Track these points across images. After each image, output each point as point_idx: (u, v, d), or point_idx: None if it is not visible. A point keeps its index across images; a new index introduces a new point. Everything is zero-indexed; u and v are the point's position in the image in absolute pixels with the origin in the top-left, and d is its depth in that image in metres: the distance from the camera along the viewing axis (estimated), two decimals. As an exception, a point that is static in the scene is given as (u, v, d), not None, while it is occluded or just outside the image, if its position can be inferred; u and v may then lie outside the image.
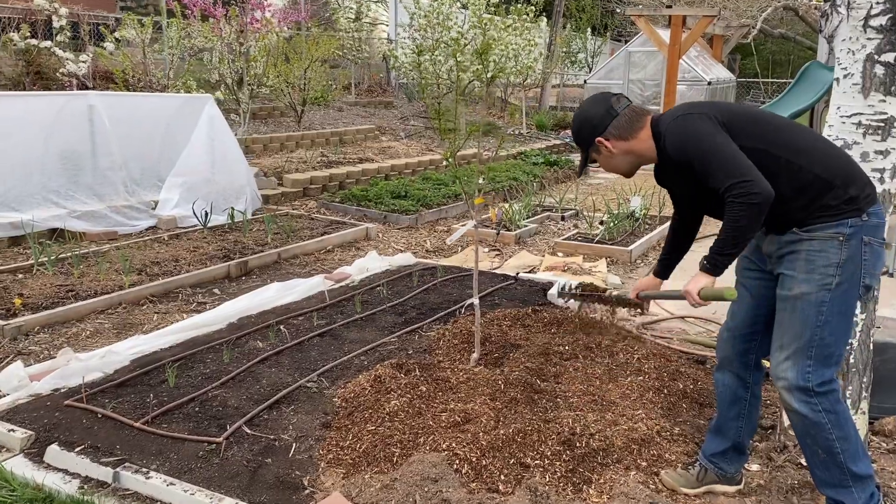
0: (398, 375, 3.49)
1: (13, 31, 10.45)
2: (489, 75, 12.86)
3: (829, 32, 2.90)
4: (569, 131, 16.85)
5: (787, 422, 3.07)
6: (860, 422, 2.92)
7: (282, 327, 4.35)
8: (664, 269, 2.99)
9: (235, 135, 10.17)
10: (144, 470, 2.90)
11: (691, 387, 3.53)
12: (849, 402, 2.91)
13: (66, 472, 2.98)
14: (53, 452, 3.06)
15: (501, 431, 2.92)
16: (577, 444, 2.84)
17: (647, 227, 7.62)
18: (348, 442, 3.04)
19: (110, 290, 5.02)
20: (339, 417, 3.26)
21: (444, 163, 10.60)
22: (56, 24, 10.28)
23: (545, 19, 20.82)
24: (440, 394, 3.32)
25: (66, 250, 5.62)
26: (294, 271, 5.94)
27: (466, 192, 3.75)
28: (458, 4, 13.39)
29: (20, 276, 5.29)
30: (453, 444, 2.86)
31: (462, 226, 7.13)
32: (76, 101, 6.90)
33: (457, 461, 2.79)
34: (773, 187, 2.25)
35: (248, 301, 4.92)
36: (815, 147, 2.41)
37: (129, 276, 5.29)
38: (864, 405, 2.98)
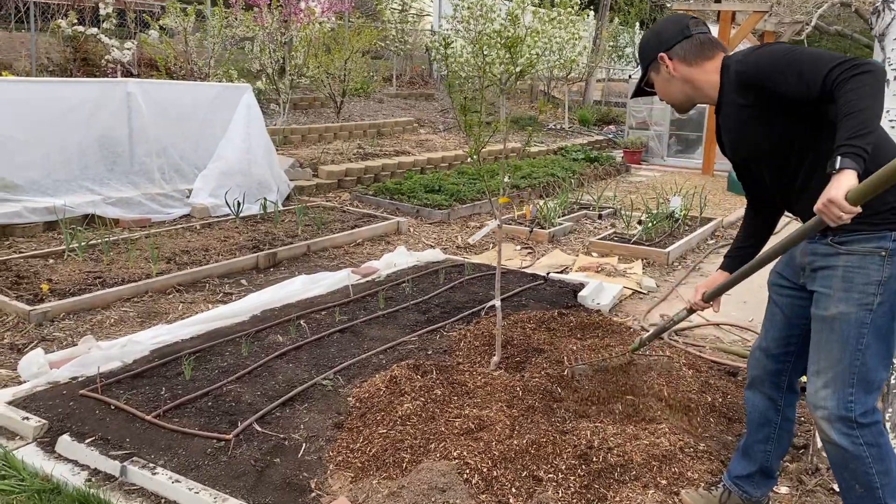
0: (414, 377, 3.40)
1: (61, 18, 10.62)
2: (518, 70, 12.69)
3: (880, 31, 2.70)
4: (612, 126, 16.58)
5: (820, 442, 2.90)
6: (900, 447, 2.73)
7: (302, 322, 4.29)
8: (734, 263, 2.59)
9: (274, 124, 10.21)
10: (151, 465, 2.86)
11: (720, 400, 3.37)
12: (888, 424, 2.73)
13: (75, 463, 2.96)
14: (64, 443, 3.04)
15: (515, 441, 2.81)
16: (594, 459, 2.71)
17: (686, 228, 7.39)
18: (359, 445, 2.97)
19: (138, 279, 5.03)
20: (351, 418, 3.18)
21: (469, 159, 10.47)
22: (102, 12, 10.42)
23: (592, 13, 20.52)
24: (455, 398, 3.22)
25: (98, 237, 5.65)
26: (322, 264, 5.89)
27: (490, 191, 3.63)
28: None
29: (51, 261, 5.34)
30: (465, 453, 2.76)
31: (486, 224, 7.00)
32: (115, 89, 6.95)
33: (467, 471, 2.69)
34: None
35: (273, 293, 4.88)
36: (887, 136, 2.18)
37: (158, 264, 5.30)
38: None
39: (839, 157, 1.89)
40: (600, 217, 8.08)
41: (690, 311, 2.78)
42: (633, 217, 7.77)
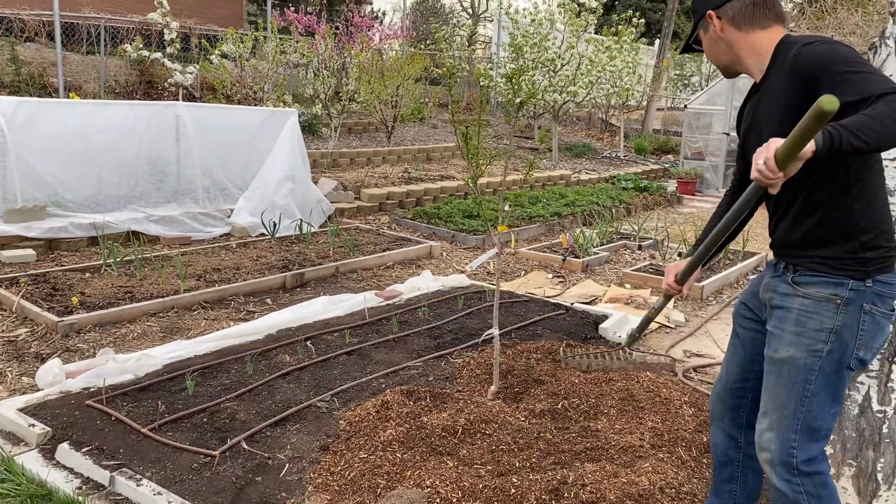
0: (406, 402, 3.41)
1: (129, 43, 11.16)
2: (563, 98, 12.71)
3: (878, 66, 2.62)
4: (670, 156, 16.33)
5: None
6: (893, 499, 2.60)
7: (309, 343, 4.36)
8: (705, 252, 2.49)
9: (325, 148, 10.44)
10: (138, 477, 2.94)
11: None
12: (880, 476, 2.59)
13: (70, 471, 3.07)
14: (63, 451, 3.16)
15: (488, 472, 2.78)
16: (566, 495, 2.65)
17: (727, 262, 7.20)
18: (339, 468, 2.99)
19: (165, 294, 5.20)
20: (338, 441, 3.21)
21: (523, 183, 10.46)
22: (167, 37, 10.89)
23: (657, 41, 20.31)
24: (439, 427, 3.20)
25: (133, 253, 5.87)
26: (349, 286, 5.97)
27: (489, 219, 3.62)
28: (557, 24, 13.23)
29: (87, 275, 5.58)
30: (437, 482, 2.74)
31: (486, 252, 6.97)
32: (165, 112, 7.25)
33: (438, 500, 2.68)
34: (819, 187, 2.04)
35: (292, 314, 4.97)
36: (877, 182, 2.10)
37: (187, 281, 5.47)
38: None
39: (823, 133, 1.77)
40: (640, 248, 7.94)
41: (668, 297, 2.71)
42: (674, 249, 7.61)
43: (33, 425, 3.33)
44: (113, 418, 3.39)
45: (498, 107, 17.11)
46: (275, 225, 7.01)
